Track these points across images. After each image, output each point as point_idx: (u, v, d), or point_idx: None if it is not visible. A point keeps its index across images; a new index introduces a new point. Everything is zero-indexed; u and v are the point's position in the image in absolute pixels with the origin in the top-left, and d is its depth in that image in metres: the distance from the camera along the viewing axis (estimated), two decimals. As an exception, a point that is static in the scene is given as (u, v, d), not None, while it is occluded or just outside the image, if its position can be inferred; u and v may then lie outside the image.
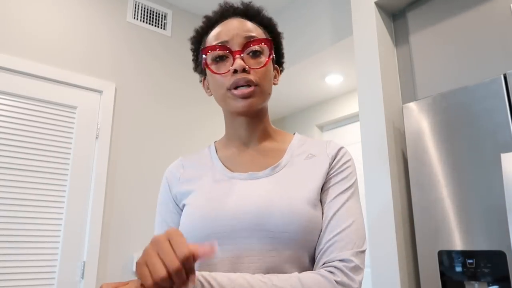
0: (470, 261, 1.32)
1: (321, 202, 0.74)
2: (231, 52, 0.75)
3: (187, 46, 2.82)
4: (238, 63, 0.73)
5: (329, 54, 2.62)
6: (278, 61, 0.88)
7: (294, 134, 0.86)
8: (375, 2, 1.88)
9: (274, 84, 0.83)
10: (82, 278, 2.08)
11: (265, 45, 0.77)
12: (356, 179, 0.77)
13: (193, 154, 0.89)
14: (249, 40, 0.75)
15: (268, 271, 0.67)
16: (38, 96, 2.13)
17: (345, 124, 3.50)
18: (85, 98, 2.30)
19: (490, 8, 1.58)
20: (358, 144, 3.16)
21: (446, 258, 1.39)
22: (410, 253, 1.62)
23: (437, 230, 1.43)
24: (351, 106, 3.37)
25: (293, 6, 2.83)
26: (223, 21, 0.81)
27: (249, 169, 0.78)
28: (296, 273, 0.65)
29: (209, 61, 0.78)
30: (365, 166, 1.75)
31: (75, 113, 2.24)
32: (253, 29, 0.78)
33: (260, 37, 0.78)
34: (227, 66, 0.75)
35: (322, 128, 3.69)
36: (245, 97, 0.74)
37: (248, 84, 0.74)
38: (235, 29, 0.77)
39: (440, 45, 1.73)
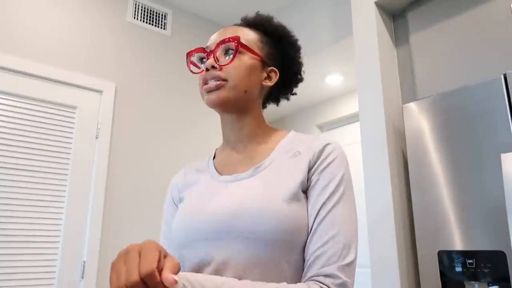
0: (470, 261, 1.32)
1: (307, 200, 0.72)
2: (205, 52, 0.80)
3: (188, 46, 2.82)
4: (208, 61, 0.77)
5: (329, 54, 2.62)
6: (283, 66, 0.88)
7: (289, 132, 0.85)
8: (375, 2, 1.88)
9: (266, 84, 0.83)
10: (82, 278, 2.08)
11: (233, 43, 0.78)
12: (345, 179, 0.72)
13: (197, 160, 0.91)
14: (221, 40, 0.79)
15: (243, 274, 0.65)
16: (38, 96, 2.13)
17: (345, 124, 3.50)
18: (85, 98, 2.30)
19: (490, 8, 1.58)
20: (358, 144, 3.16)
21: (446, 258, 1.39)
22: (410, 253, 1.62)
23: (437, 230, 1.43)
24: (351, 106, 3.37)
25: (293, 6, 2.83)
26: None
27: (235, 171, 0.79)
28: (285, 283, 0.63)
29: (192, 62, 0.84)
30: (365, 166, 1.75)
31: (75, 113, 2.24)
32: (234, 31, 0.82)
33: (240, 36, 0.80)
34: None
35: (322, 128, 3.69)
36: (211, 90, 0.77)
37: (216, 79, 0.77)
38: (217, 34, 0.82)
39: (440, 45, 1.73)
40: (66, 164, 2.16)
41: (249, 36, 0.82)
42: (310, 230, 0.69)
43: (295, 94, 0.93)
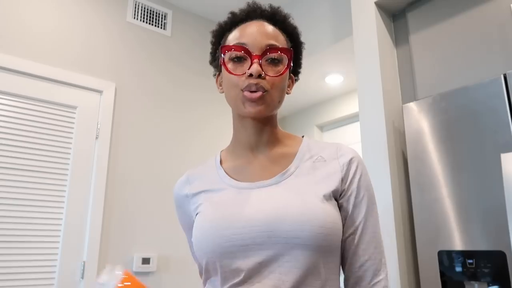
0: (470, 261, 1.32)
1: (339, 209, 0.75)
2: (250, 55, 0.74)
3: (188, 46, 2.82)
4: (255, 68, 0.72)
5: (329, 54, 2.62)
6: (295, 71, 0.88)
7: (303, 137, 0.86)
8: (375, 2, 1.88)
9: (287, 93, 0.83)
10: (82, 278, 2.08)
11: (285, 55, 0.75)
12: (373, 191, 0.80)
13: (198, 166, 0.88)
14: (270, 47, 0.74)
15: (283, 277, 0.66)
16: (38, 96, 2.13)
17: (345, 124, 3.50)
18: (85, 98, 2.30)
19: (490, 8, 1.58)
20: (358, 144, 3.16)
21: (446, 258, 1.39)
22: (410, 253, 1.62)
23: (437, 230, 1.43)
24: (351, 106, 3.37)
25: (293, 5, 2.83)
26: (248, 21, 0.80)
27: (259, 178, 0.77)
28: None
29: (226, 59, 0.76)
30: (365, 166, 1.75)
31: (75, 113, 2.24)
32: (275, 36, 0.77)
33: (281, 45, 0.77)
34: (244, 68, 0.74)
35: (322, 128, 3.69)
36: (254, 101, 0.73)
37: (260, 90, 0.73)
38: (257, 33, 0.76)
39: (440, 45, 1.73)
40: (66, 164, 2.16)
41: (283, 41, 0.79)
42: (347, 241, 0.75)
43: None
